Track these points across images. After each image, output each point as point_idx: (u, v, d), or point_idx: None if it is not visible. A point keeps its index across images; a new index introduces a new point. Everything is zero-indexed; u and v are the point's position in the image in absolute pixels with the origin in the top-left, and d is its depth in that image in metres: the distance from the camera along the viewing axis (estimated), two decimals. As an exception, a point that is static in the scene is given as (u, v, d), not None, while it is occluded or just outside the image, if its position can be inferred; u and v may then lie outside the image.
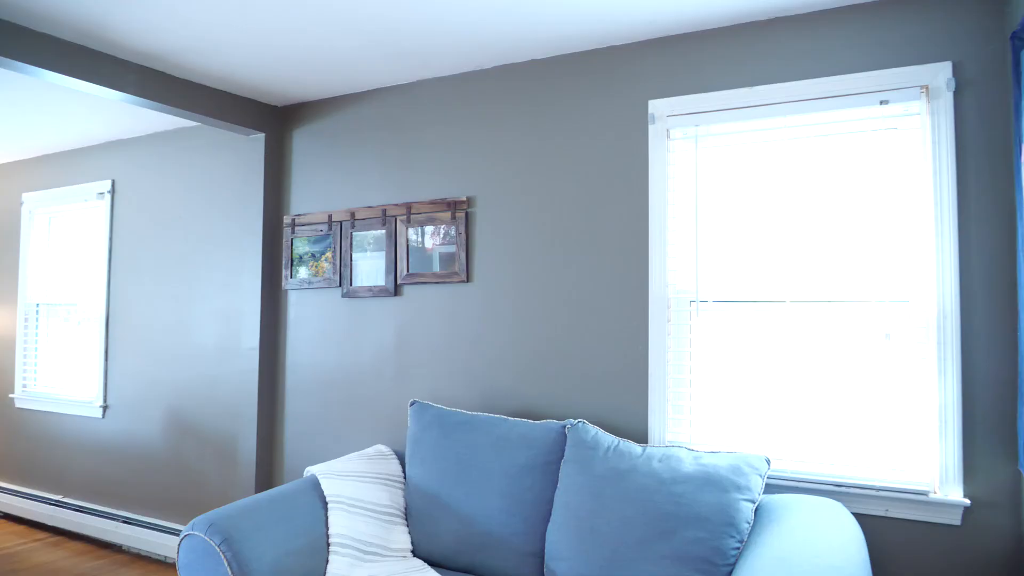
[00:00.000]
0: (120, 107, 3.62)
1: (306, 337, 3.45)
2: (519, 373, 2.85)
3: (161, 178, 4.06)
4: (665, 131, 2.60)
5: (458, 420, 2.66)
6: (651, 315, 2.58)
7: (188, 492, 3.82)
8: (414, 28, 2.60)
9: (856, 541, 1.85)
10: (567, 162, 2.79)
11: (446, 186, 3.07)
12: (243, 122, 3.40)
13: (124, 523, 4.00)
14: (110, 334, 4.23)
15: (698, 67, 2.56)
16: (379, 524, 2.55)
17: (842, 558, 1.71)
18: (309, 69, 3.04)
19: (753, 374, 2.45)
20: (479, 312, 2.95)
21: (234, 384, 3.67)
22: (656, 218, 2.59)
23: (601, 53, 2.75)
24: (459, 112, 3.06)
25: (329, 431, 3.34)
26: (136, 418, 4.07)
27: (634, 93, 2.67)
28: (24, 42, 2.60)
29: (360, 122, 3.34)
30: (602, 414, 2.66)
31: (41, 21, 2.56)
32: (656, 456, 2.25)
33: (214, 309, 3.77)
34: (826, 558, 1.70)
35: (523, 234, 2.87)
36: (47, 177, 4.68)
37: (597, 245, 2.71)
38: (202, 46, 2.78)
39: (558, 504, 2.32)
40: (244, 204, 3.65)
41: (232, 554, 2.14)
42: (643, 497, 2.16)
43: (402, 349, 3.14)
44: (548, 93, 2.85)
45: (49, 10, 2.47)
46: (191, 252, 3.89)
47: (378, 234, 3.21)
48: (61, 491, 4.43)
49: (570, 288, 2.76)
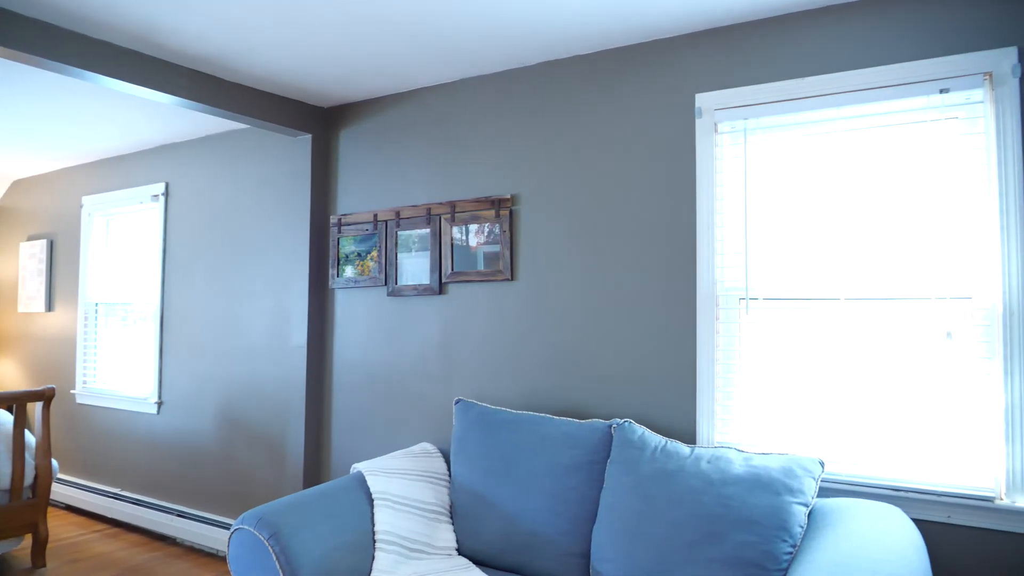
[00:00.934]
0: (173, 111, 3.71)
1: (352, 335, 3.48)
2: (563, 372, 2.82)
3: (212, 180, 4.15)
4: (712, 125, 2.54)
5: (503, 419, 2.65)
6: (699, 313, 2.52)
7: (239, 487, 3.90)
8: (457, 27, 2.60)
9: (916, 547, 1.78)
10: (612, 158, 2.76)
11: (490, 184, 3.06)
12: (291, 124, 3.46)
13: (178, 516, 4.10)
14: (164, 332, 4.35)
15: (746, 59, 2.50)
16: (424, 522, 2.56)
17: (902, 564, 1.65)
18: (354, 70, 3.07)
19: (806, 373, 2.38)
20: (523, 310, 2.94)
21: (283, 381, 3.74)
22: (704, 214, 2.54)
23: (646, 47, 2.70)
24: (502, 110, 3.05)
25: (375, 428, 3.37)
26: (189, 414, 4.17)
27: (680, 87, 2.62)
28: (83, 49, 2.69)
29: (404, 122, 3.36)
30: (649, 413, 2.62)
31: (98, 28, 2.64)
32: (705, 457, 2.20)
33: (263, 308, 3.84)
34: (885, 564, 1.64)
35: (567, 231, 2.85)
36: (105, 180, 4.84)
37: (643, 242, 2.67)
38: (250, 49, 2.83)
39: (604, 505, 2.29)
40: (292, 204, 3.71)
41: (280, 548, 2.17)
42: (691, 499, 2.11)
43: (446, 347, 3.15)
44: (592, 89, 2.82)
45: (106, 17, 2.54)
46: (241, 252, 3.97)
47: (423, 233, 3.22)
48: (119, 484, 4.57)
49: (615, 286, 2.72)
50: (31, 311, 5.30)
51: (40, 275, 5.22)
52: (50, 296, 5.19)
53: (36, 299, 5.25)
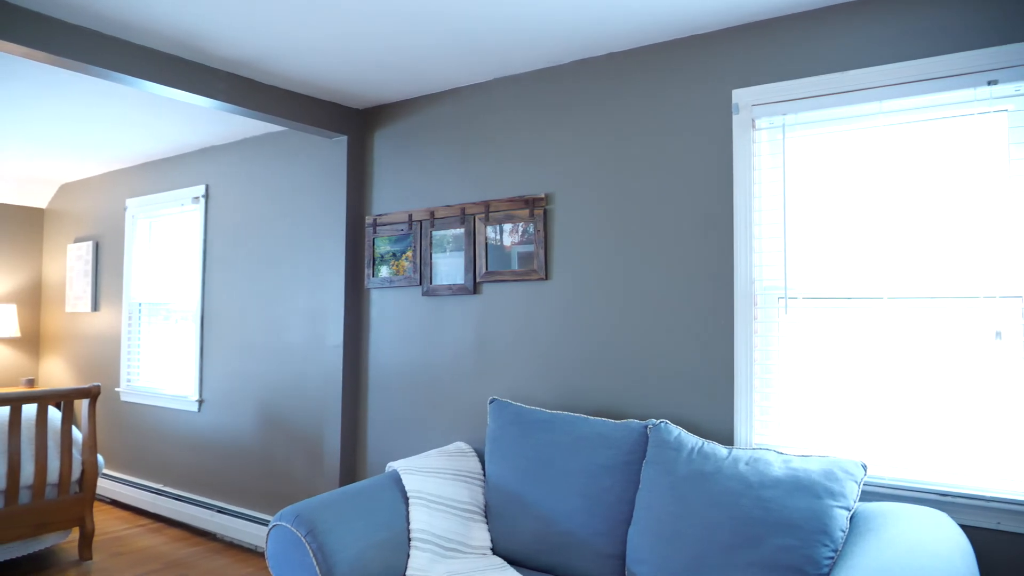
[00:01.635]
0: (212, 115, 3.78)
1: (388, 335, 3.51)
2: (598, 371, 2.80)
3: (251, 182, 4.22)
4: (750, 121, 2.50)
5: (537, 418, 2.65)
6: (736, 312, 2.48)
7: (277, 484, 3.95)
8: (490, 27, 2.59)
9: (964, 554, 1.72)
10: (646, 156, 2.73)
11: (524, 184, 3.05)
12: (326, 125, 3.49)
13: (218, 512, 4.18)
14: (205, 331, 4.44)
15: (784, 53, 2.45)
16: (459, 521, 2.56)
17: (950, 572, 1.59)
18: (388, 72, 3.09)
19: (847, 374, 2.32)
20: (558, 310, 2.93)
21: (319, 380, 3.78)
22: (741, 211, 2.49)
23: (681, 43, 2.67)
24: (536, 109, 3.04)
25: (410, 427, 3.39)
26: (229, 412, 4.25)
27: (716, 83, 2.59)
28: (127, 55, 2.75)
29: (438, 122, 3.37)
30: (685, 414, 2.59)
31: (142, 34, 2.70)
32: (743, 459, 2.17)
33: (300, 307, 3.89)
34: (932, 571, 1.59)
35: (602, 230, 2.83)
36: (148, 183, 4.95)
37: (679, 241, 2.64)
38: (286, 52, 2.87)
39: (640, 506, 2.27)
40: (328, 205, 3.75)
41: (317, 545, 2.19)
42: (729, 501, 2.08)
43: (481, 347, 3.15)
44: (626, 86, 2.80)
45: (149, 23, 2.60)
46: (278, 252, 4.03)
47: (457, 233, 3.23)
48: (161, 480, 4.67)
49: (651, 285, 2.69)
50: (78, 311, 5.45)
51: (86, 276, 5.37)
52: (96, 296, 5.33)
53: (83, 299, 5.39)
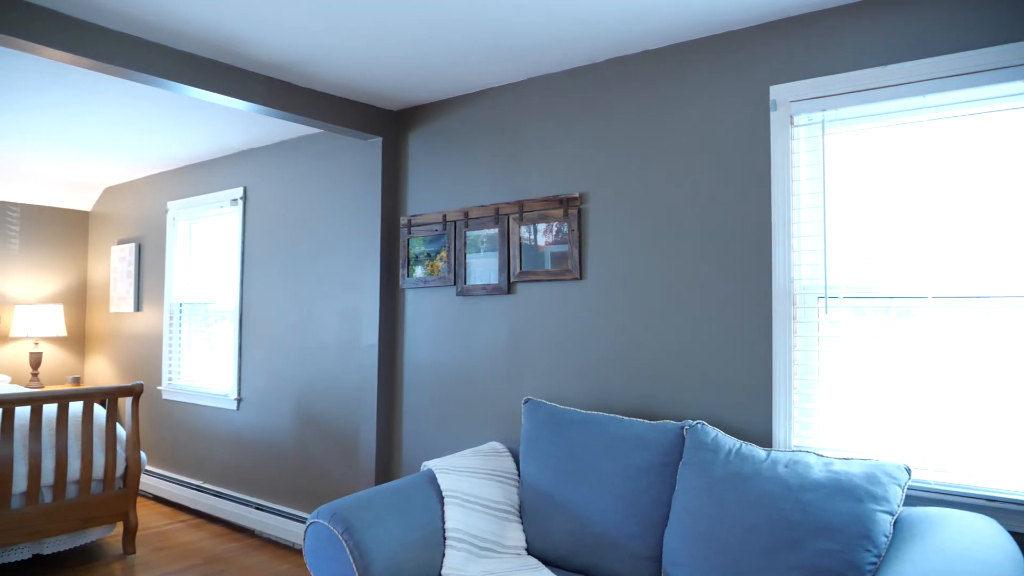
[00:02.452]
0: (251, 118, 3.84)
1: (422, 334, 3.53)
2: (633, 372, 2.78)
3: (288, 183, 4.28)
4: (788, 117, 2.46)
5: (572, 419, 2.64)
6: (775, 311, 2.44)
7: (313, 482, 4.00)
8: (523, 27, 2.59)
9: (1015, 561, 1.67)
10: (682, 154, 2.70)
11: (558, 183, 3.05)
12: (361, 127, 3.53)
13: (256, 509, 4.25)
14: (243, 331, 4.51)
15: (824, 48, 2.40)
16: (494, 520, 2.57)
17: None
18: (422, 73, 3.11)
19: (890, 375, 2.27)
20: (592, 309, 2.91)
21: (355, 380, 3.82)
22: (779, 209, 2.45)
23: (717, 39, 2.64)
24: (570, 108, 3.03)
25: (445, 427, 3.41)
26: (267, 411, 4.31)
27: (753, 79, 2.55)
28: (168, 60, 2.81)
29: (472, 122, 3.38)
30: (722, 416, 2.55)
31: (182, 40, 2.76)
32: (782, 461, 2.13)
33: (336, 307, 3.94)
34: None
35: (637, 229, 2.81)
36: (188, 186, 5.06)
37: (715, 239, 2.60)
38: (322, 55, 2.90)
39: (676, 508, 2.25)
40: (363, 206, 3.79)
41: (354, 543, 2.21)
42: (768, 504, 2.04)
43: (515, 347, 3.15)
44: (661, 84, 2.77)
45: (189, 29, 2.65)
46: (314, 253, 4.08)
47: (491, 233, 3.23)
48: (201, 477, 4.77)
49: (686, 284, 2.66)
50: (121, 311, 5.59)
51: (129, 277, 5.50)
52: (138, 297, 5.46)
53: (126, 300, 5.53)
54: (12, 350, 5.69)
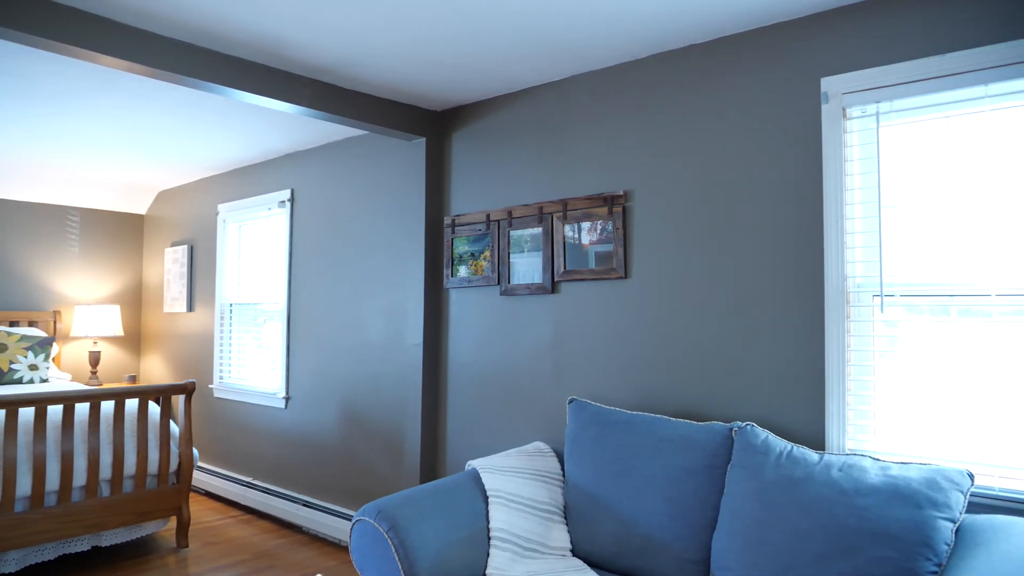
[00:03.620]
0: (297, 120, 3.90)
1: (466, 334, 3.53)
2: (680, 372, 2.73)
3: (333, 185, 4.34)
4: (840, 110, 2.38)
5: (617, 419, 2.60)
6: (827, 310, 2.37)
7: (359, 480, 4.05)
8: (566, 24, 2.57)
9: (1089, 573, 1.58)
10: (729, 149, 2.64)
11: (602, 181, 3.01)
12: (405, 128, 3.55)
13: (304, 506, 4.31)
14: (291, 331, 4.59)
15: (878, 38, 2.32)
16: (539, 521, 2.55)
17: (1072, 592, 1.47)
18: (464, 73, 3.11)
19: (950, 376, 2.18)
20: (638, 309, 2.87)
21: (400, 379, 3.85)
22: (831, 205, 2.38)
23: (766, 32, 2.57)
24: (613, 105, 2.99)
25: (489, 426, 3.40)
26: (314, 409, 4.38)
27: (804, 72, 2.48)
28: (218, 65, 2.87)
29: (515, 121, 3.37)
30: (772, 417, 2.49)
31: (231, 45, 2.81)
32: (836, 464, 2.06)
33: (381, 307, 3.97)
34: (1051, 591, 1.47)
35: (684, 227, 2.76)
36: (237, 189, 5.17)
37: (765, 236, 2.54)
38: (366, 57, 2.93)
39: (725, 511, 2.20)
40: (407, 207, 3.81)
41: (399, 541, 2.22)
42: (821, 508, 1.98)
43: (559, 346, 3.13)
44: (708, 79, 2.72)
45: (237, 34, 2.70)
46: (360, 254, 4.13)
47: (535, 232, 3.21)
48: (251, 474, 4.86)
49: (735, 282, 2.61)
50: (174, 311, 5.74)
51: (182, 278, 5.65)
52: (191, 297, 5.60)
53: (179, 300, 5.68)
54: (73, 349, 5.90)
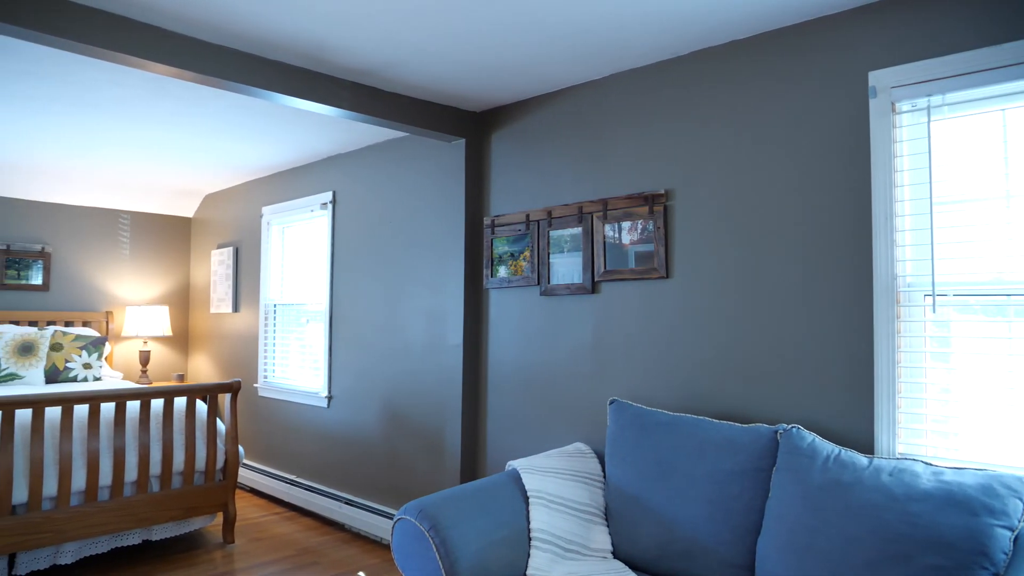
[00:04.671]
0: (338, 123, 3.96)
1: (506, 334, 3.53)
2: (722, 373, 2.69)
3: (374, 187, 4.38)
4: (889, 104, 2.32)
5: (659, 420, 2.58)
6: (876, 310, 2.31)
7: (400, 479, 4.08)
8: (606, 22, 2.55)
9: None
10: (773, 147, 2.60)
11: (643, 180, 2.99)
12: (445, 129, 3.57)
13: (346, 504, 4.37)
14: (333, 331, 4.65)
15: (928, 29, 2.25)
16: (579, 522, 2.54)
17: None
18: (504, 74, 3.12)
19: (1009, 378, 2.10)
20: (679, 309, 2.84)
21: (440, 379, 3.87)
22: (880, 203, 2.32)
23: (811, 26, 2.52)
24: (654, 103, 2.96)
25: (529, 427, 3.40)
26: (355, 409, 4.43)
27: (850, 66, 2.42)
28: (262, 70, 2.93)
29: (554, 121, 3.36)
30: (818, 420, 2.43)
31: (274, 50, 2.86)
32: (886, 469, 2.01)
33: (421, 308, 4.00)
34: (1118, 603, 1.40)
35: (726, 226, 2.72)
36: (281, 192, 5.26)
37: (810, 235, 2.48)
38: (405, 59, 2.95)
39: (770, 515, 2.16)
40: (447, 207, 3.83)
41: (440, 540, 2.23)
42: (870, 514, 1.93)
43: (599, 347, 3.11)
44: (750, 75, 2.67)
45: (280, 39, 2.75)
46: (400, 255, 4.16)
47: (574, 232, 3.20)
48: (294, 471, 4.94)
49: (779, 282, 2.56)
50: (221, 312, 5.87)
51: (228, 279, 5.77)
52: (236, 298, 5.72)
53: (225, 301, 5.80)
54: (124, 348, 6.08)
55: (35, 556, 3.45)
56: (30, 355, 4.95)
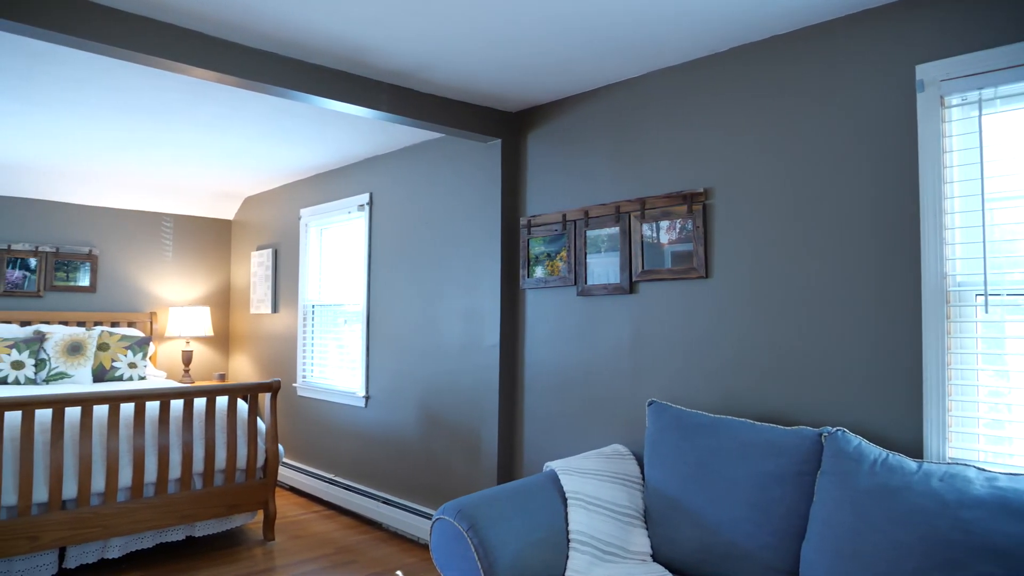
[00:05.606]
0: (375, 125, 3.99)
1: (543, 335, 3.52)
2: (764, 374, 2.64)
3: (411, 188, 4.41)
4: (938, 98, 2.25)
5: (699, 422, 2.54)
6: (925, 310, 2.24)
7: (438, 479, 4.10)
8: (643, 20, 2.52)
9: None
10: (815, 144, 2.54)
11: (681, 179, 2.95)
12: (481, 130, 3.57)
13: (384, 503, 4.40)
14: (370, 331, 4.69)
15: (979, 19, 2.18)
16: (618, 524, 2.51)
17: None
18: (540, 72, 3.11)
19: (1065, 382, 2.02)
20: (719, 309, 2.80)
21: (477, 380, 3.87)
22: (928, 199, 2.25)
23: (854, 19, 2.46)
24: (692, 101, 2.92)
25: (566, 428, 3.38)
26: (392, 408, 4.46)
27: (896, 59, 2.35)
28: (301, 73, 2.96)
29: (590, 120, 3.34)
30: (864, 423, 2.37)
31: (313, 53, 2.90)
32: (936, 474, 1.95)
33: (458, 308, 4.01)
34: None
35: (768, 224, 2.67)
36: (318, 194, 5.33)
37: (854, 233, 2.43)
38: (442, 60, 2.96)
39: (815, 520, 2.11)
40: (483, 208, 3.84)
41: (478, 540, 2.23)
42: (920, 520, 1.87)
43: (638, 347, 3.08)
44: (791, 71, 2.62)
45: (319, 42, 2.78)
46: (437, 255, 4.18)
47: (611, 231, 3.18)
48: (333, 470, 5.00)
49: (823, 281, 2.50)
50: (260, 312, 5.96)
51: (267, 281, 5.86)
52: (275, 299, 5.81)
53: (264, 302, 5.90)
54: (167, 349, 6.21)
55: (84, 550, 3.54)
56: (79, 355, 5.09)
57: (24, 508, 3.25)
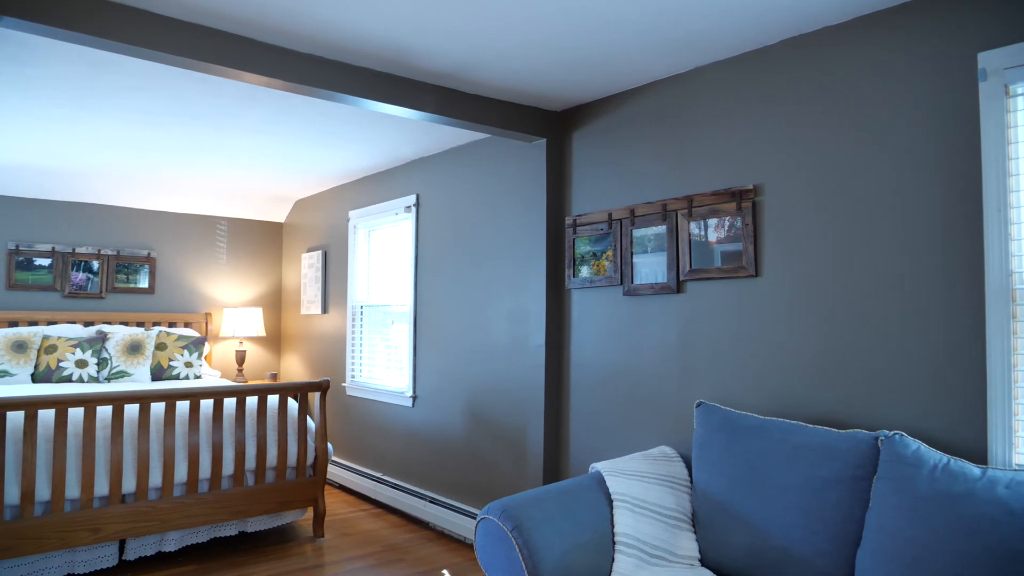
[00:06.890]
0: (422, 127, 4.02)
1: (589, 335, 3.49)
2: (817, 376, 2.57)
3: (456, 189, 4.43)
4: (1002, 87, 2.15)
5: (749, 425, 2.48)
6: (988, 310, 2.14)
7: (483, 479, 4.10)
8: (689, 14, 2.48)
9: None
10: (871, 136, 2.45)
11: (729, 176, 2.89)
12: (526, 129, 3.57)
13: (430, 503, 4.43)
14: (417, 332, 4.73)
15: (1050, 5, 2.07)
16: (665, 527, 2.47)
17: None
18: (585, 70, 3.08)
19: None
20: (769, 308, 2.73)
21: (523, 380, 3.86)
22: (992, 193, 2.15)
23: (909, 7, 2.37)
24: (740, 96, 2.86)
25: (612, 429, 3.35)
26: (439, 408, 4.48)
27: (956, 47, 2.26)
28: (348, 77, 3.00)
29: (636, 118, 3.30)
30: (922, 426, 2.28)
31: (359, 57, 2.93)
32: (1002, 481, 1.86)
33: (504, 308, 4.01)
34: None
35: (820, 221, 2.59)
36: (366, 196, 5.40)
37: (913, 229, 2.33)
38: (486, 61, 2.96)
39: (871, 526, 2.03)
40: (528, 208, 3.83)
41: (523, 541, 2.22)
42: (985, 529, 1.79)
43: (685, 348, 3.03)
44: (844, 62, 2.54)
45: (365, 46, 2.81)
46: (483, 256, 4.19)
47: (658, 230, 3.13)
48: (381, 469, 5.05)
49: (878, 280, 2.41)
50: (310, 313, 6.07)
51: (317, 282, 5.97)
52: (325, 300, 5.91)
53: (314, 303, 6.00)
54: (222, 348, 6.38)
55: (143, 543, 3.66)
56: (138, 354, 5.27)
57: (87, 501, 3.38)
